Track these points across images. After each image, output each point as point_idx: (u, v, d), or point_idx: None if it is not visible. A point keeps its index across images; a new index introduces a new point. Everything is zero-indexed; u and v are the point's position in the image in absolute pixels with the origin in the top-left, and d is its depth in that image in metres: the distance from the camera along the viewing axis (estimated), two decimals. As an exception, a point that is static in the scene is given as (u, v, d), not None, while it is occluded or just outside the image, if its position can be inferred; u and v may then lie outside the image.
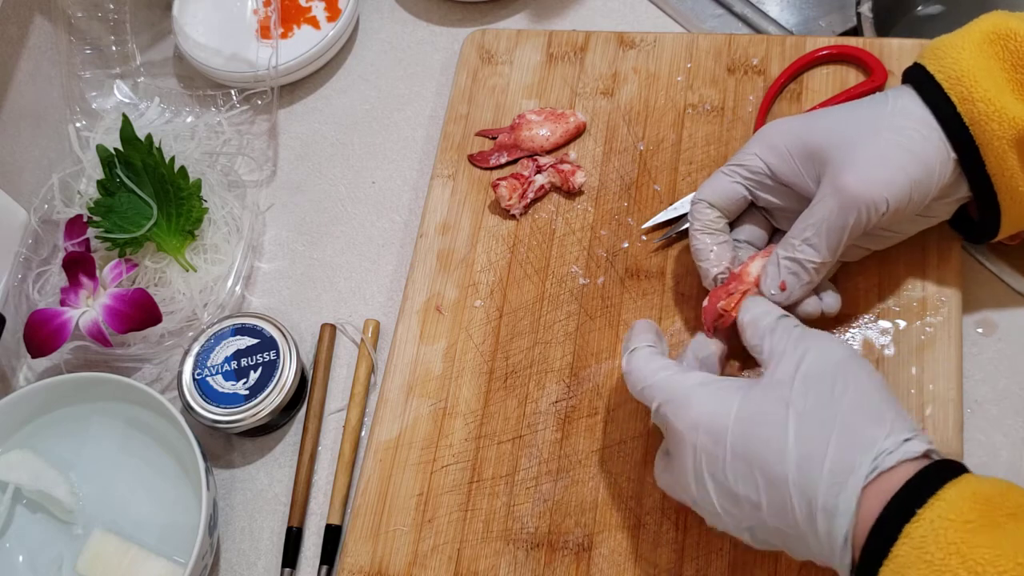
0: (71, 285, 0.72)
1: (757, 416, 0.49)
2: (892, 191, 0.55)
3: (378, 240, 0.79)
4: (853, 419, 0.47)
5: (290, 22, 0.88)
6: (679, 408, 0.52)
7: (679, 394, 0.52)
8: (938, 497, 0.43)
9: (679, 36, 0.78)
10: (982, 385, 0.63)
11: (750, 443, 0.49)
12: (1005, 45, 0.55)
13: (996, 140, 0.55)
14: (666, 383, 0.53)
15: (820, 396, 0.49)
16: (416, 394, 0.68)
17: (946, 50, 0.57)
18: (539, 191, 0.73)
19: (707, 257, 0.61)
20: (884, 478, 0.45)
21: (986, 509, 0.43)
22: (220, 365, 0.70)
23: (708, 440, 0.50)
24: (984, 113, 0.54)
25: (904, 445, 0.46)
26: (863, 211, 0.55)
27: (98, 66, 0.88)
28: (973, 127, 0.55)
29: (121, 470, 0.70)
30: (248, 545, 0.69)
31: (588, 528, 0.61)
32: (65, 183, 0.81)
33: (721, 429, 0.50)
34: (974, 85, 0.55)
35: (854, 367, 0.50)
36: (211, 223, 0.78)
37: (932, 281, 0.63)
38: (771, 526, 0.49)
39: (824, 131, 0.58)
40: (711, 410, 0.51)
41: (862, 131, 0.56)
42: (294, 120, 0.87)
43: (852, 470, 0.46)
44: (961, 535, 0.42)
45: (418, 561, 0.62)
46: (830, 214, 0.55)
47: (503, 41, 0.81)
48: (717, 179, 0.62)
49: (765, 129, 0.61)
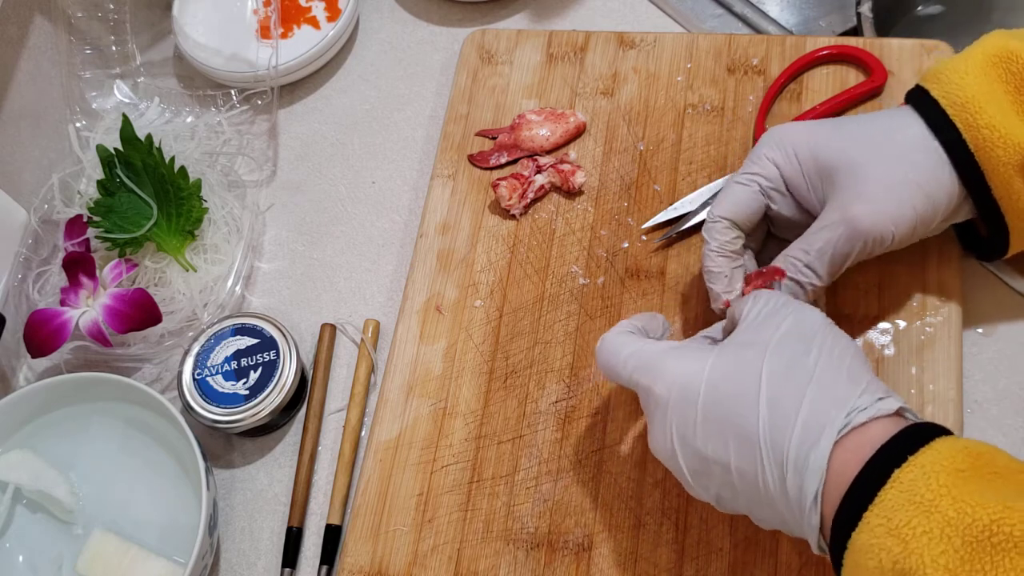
0: (71, 285, 0.72)
1: (730, 374, 0.49)
2: (899, 225, 0.55)
3: (378, 240, 0.79)
4: (827, 377, 0.47)
5: (290, 22, 0.88)
6: (651, 372, 0.52)
7: (651, 359, 0.52)
8: (930, 447, 0.44)
9: (679, 36, 0.78)
10: (982, 385, 0.63)
11: (722, 401, 0.48)
12: (1008, 68, 0.55)
13: (1002, 166, 0.54)
14: (636, 353, 0.53)
15: (795, 355, 0.49)
16: (416, 394, 0.68)
17: (949, 75, 0.57)
18: (539, 191, 0.73)
19: (720, 281, 0.60)
20: (856, 434, 0.45)
21: (976, 463, 0.43)
22: (220, 365, 0.70)
23: (680, 401, 0.50)
24: (989, 140, 0.54)
25: (878, 403, 0.46)
26: (869, 243, 0.55)
27: (98, 66, 0.88)
28: (978, 153, 0.55)
29: (121, 470, 0.70)
30: (248, 545, 0.69)
31: (588, 528, 0.61)
32: (65, 183, 0.81)
33: (693, 389, 0.49)
34: (978, 111, 0.55)
35: (832, 332, 0.50)
36: (211, 223, 0.78)
37: (932, 281, 0.64)
38: (739, 488, 0.48)
39: (837, 150, 0.57)
40: (683, 370, 0.50)
41: (875, 159, 0.56)
42: (294, 120, 0.87)
43: (824, 426, 0.46)
44: (952, 479, 0.42)
45: (418, 561, 0.62)
46: (836, 242, 0.55)
47: (503, 41, 0.81)
48: (735, 192, 0.59)
49: (774, 132, 0.60)
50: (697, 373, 0.50)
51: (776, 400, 0.47)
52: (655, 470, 0.62)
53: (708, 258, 0.60)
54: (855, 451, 0.45)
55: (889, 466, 0.43)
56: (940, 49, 0.71)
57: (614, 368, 0.54)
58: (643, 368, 0.52)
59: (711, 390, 0.49)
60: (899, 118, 0.58)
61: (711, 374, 0.49)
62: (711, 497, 0.51)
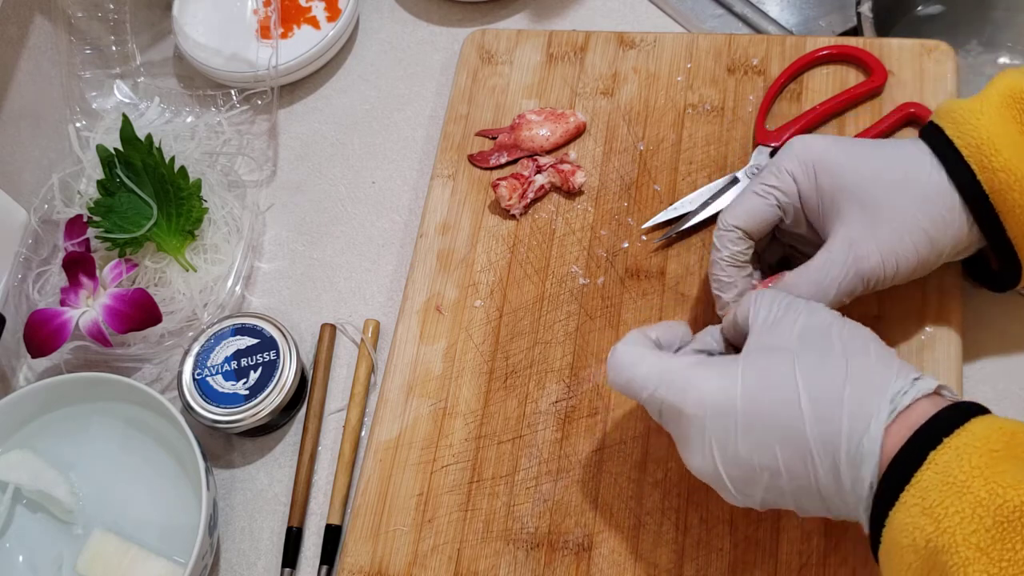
0: (71, 285, 0.72)
1: (764, 381, 0.49)
2: (900, 268, 0.56)
3: (378, 240, 0.79)
4: (860, 365, 0.48)
5: (290, 22, 0.88)
6: (680, 391, 0.50)
7: (675, 377, 0.51)
8: (964, 428, 0.44)
9: (679, 36, 0.78)
10: (982, 385, 0.63)
11: (762, 409, 0.48)
12: (1023, 108, 0.55)
13: (1018, 208, 0.54)
14: (656, 369, 0.52)
15: (822, 350, 0.49)
16: (416, 394, 0.68)
17: (965, 115, 0.56)
18: (539, 191, 0.73)
19: (729, 290, 0.59)
20: (902, 417, 0.46)
21: (1011, 442, 0.43)
22: (220, 365, 0.70)
23: (717, 417, 0.49)
24: (1005, 183, 0.54)
25: (916, 384, 0.47)
26: (870, 281, 0.56)
27: (98, 66, 0.88)
28: (993, 196, 0.54)
29: (121, 470, 0.70)
30: (248, 545, 0.69)
31: (588, 528, 0.61)
32: (65, 183, 0.81)
33: (729, 403, 0.49)
34: (994, 154, 0.54)
35: (847, 322, 0.51)
36: (211, 223, 0.78)
37: (932, 281, 0.63)
38: (788, 489, 0.48)
39: (856, 179, 0.56)
40: (716, 386, 0.50)
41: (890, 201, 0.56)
42: (294, 120, 0.87)
43: (872, 414, 0.46)
44: (985, 460, 0.42)
45: (418, 561, 0.62)
46: (840, 277, 0.55)
47: (503, 41, 0.81)
48: (750, 201, 0.59)
49: (796, 145, 0.59)
50: (730, 386, 0.49)
51: (817, 398, 0.47)
52: (655, 470, 0.62)
53: (718, 266, 0.59)
54: (901, 434, 0.45)
55: (926, 448, 0.44)
56: (940, 49, 0.71)
57: (631, 384, 0.53)
58: (668, 386, 0.51)
59: (749, 401, 0.49)
60: (916, 157, 0.57)
61: (745, 385, 0.49)
62: (755, 502, 0.51)
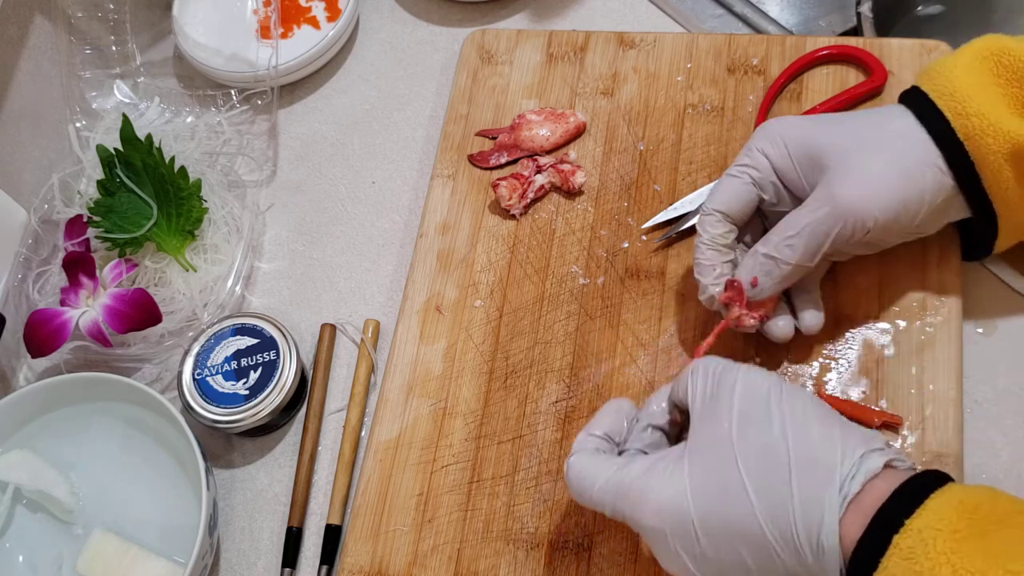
0: (71, 285, 0.72)
1: (712, 483, 0.48)
2: (881, 209, 0.55)
3: (378, 240, 0.79)
4: (803, 451, 0.47)
5: (290, 22, 0.88)
6: (635, 505, 0.50)
7: (629, 490, 0.50)
8: (924, 507, 0.43)
9: (679, 36, 0.78)
10: (982, 385, 0.63)
11: (715, 513, 0.48)
12: (999, 61, 0.56)
13: (991, 155, 0.55)
14: (611, 484, 0.51)
15: (761, 436, 0.48)
16: (416, 394, 0.68)
17: (939, 70, 0.58)
18: (539, 191, 0.73)
19: (708, 273, 0.60)
20: (855, 505, 0.45)
21: (974, 518, 0.42)
22: (220, 365, 0.70)
23: (676, 525, 0.48)
24: (979, 128, 0.55)
25: (863, 462, 0.46)
26: (849, 224, 0.55)
27: (98, 66, 0.88)
28: (968, 142, 0.55)
29: (121, 470, 0.70)
30: (248, 545, 0.69)
31: (588, 528, 0.61)
32: (65, 183, 0.81)
33: (683, 512, 0.48)
34: (968, 100, 0.55)
35: (785, 389, 0.50)
36: (211, 223, 0.78)
37: (932, 281, 0.63)
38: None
39: (826, 137, 0.58)
40: (668, 496, 0.49)
41: (863, 146, 0.57)
42: (294, 120, 0.87)
43: (824, 508, 0.45)
44: (950, 544, 0.42)
45: (418, 561, 0.62)
46: (817, 219, 0.56)
47: (503, 41, 0.81)
48: (727, 184, 0.60)
49: (767, 126, 0.61)
50: (679, 495, 0.49)
51: (765, 492, 0.47)
52: (655, 470, 0.62)
53: (698, 250, 0.60)
54: (859, 523, 0.45)
55: (888, 532, 0.43)
56: (940, 49, 0.71)
57: (591, 501, 0.52)
58: (624, 499, 0.50)
59: (701, 507, 0.48)
60: (890, 112, 0.59)
61: (694, 490, 0.48)
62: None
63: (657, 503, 0.49)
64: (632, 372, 0.65)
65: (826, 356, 0.63)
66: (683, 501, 0.48)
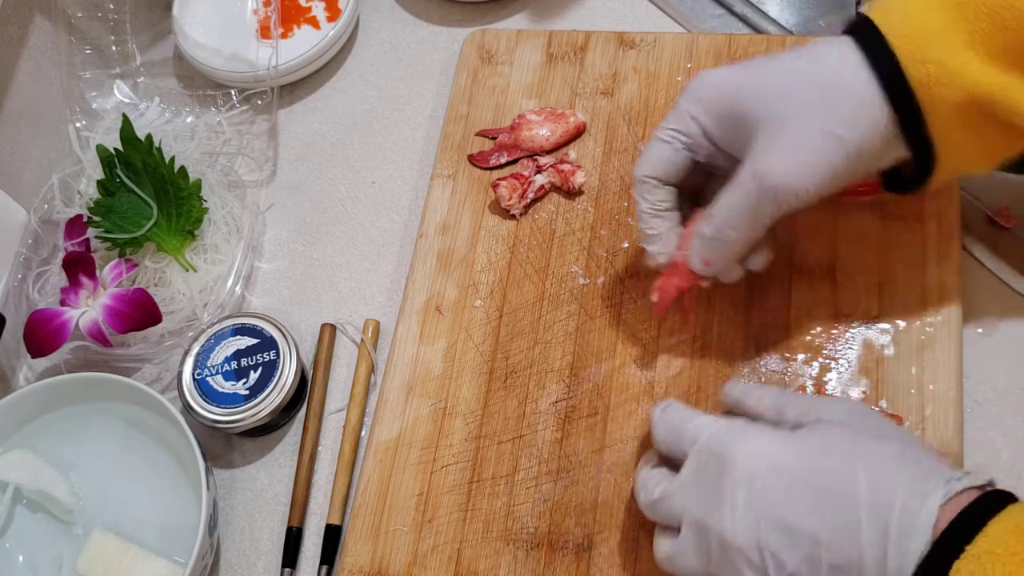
0: (71, 285, 0.72)
1: (823, 447, 0.48)
2: (814, 180, 0.52)
3: (378, 240, 0.79)
4: (913, 449, 0.47)
5: (290, 22, 0.88)
6: (733, 443, 0.50)
7: (732, 428, 0.51)
8: (984, 533, 0.43)
9: (679, 36, 0.78)
10: (982, 385, 0.63)
11: (818, 473, 0.47)
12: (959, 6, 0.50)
13: (943, 104, 0.51)
14: (709, 422, 0.52)
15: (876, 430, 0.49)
16: (416, 394, 0.68)
17: (897, 3, 0.52)
18: (539, 191, 0.73)
19: (656, 242, 0.60)
20: (954, 502, 0.45)
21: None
22: (220, 365, 0.70)
23: (770, 473, 0.48)
24: (935, 76, 0.50)
25: (966, 476, 0.46)
26: (782, 199, 0.53)
27: (98, 66, 0.88)
28: (920, 90, 0.51)
29: (121, 470, 0.70)
30: (248, 545, 0.69)
31: (588, 528, 0.61)
32: (65, 183, 0.81)
33: (785, 461, 0.48)
34: (927, 44, 0.50)
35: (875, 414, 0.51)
36: (211, 223, 0.78)
37: (932, 281, 0.63)
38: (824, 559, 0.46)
39: (757, 100, 0.54)
40: (767, 442, 0.49)
41: (791, 107, 0.53)
42: (294, 120, 0.87)
43: (928, 492, 0.45)
44: (1009, 568, 0.41)
45: (418, 561, 0.62)
46: (749, 199, 0.54)
47: (503, 41, 0.81)
48: (656, 148, 0.59)
49: (694, 84, 0.58)
50: (786, 446, 0.49)
51: (874, 470, 0.46)
52: (655, 470, 0.62)
53: (642, 220, 0.60)
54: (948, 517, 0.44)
55: (949, 558, 0.43)
56: None
57: (681, 435, 0.52)
58: (723, 436, 0.51)
59: (805, 461, 0.48)
60: (831, 55, 0.53)
61: (804, 446, 0.49)
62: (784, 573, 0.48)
63: (759, 445, 0.49)
64: (632, 372, 0.65)
65: (826, 356, 0.63)
66: (787, 454, 0.48)
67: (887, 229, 0.66)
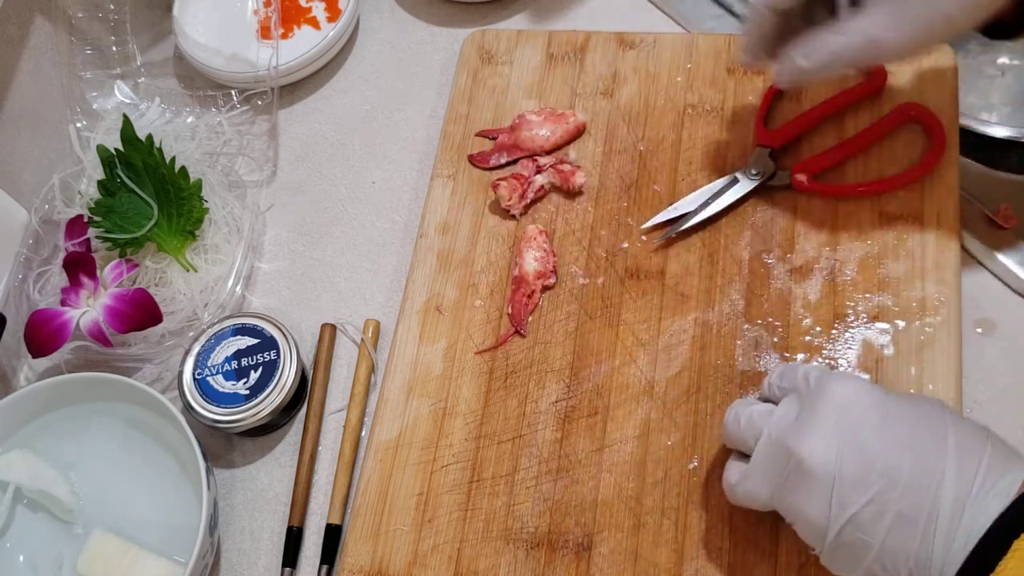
0: (71, 285, 0.72)
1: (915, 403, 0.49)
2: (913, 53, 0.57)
3: (378, 240, 0.79)
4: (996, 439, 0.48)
5: (290, 22, 0.88)
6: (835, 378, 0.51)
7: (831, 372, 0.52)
8: None
9: (679, 36, 0.78)
10: (982, 385, 0.63)
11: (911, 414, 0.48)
12: None
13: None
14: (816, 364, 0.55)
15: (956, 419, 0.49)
16: (416, 394, 0.68)
17: None
18: (539, 191, 0.73)
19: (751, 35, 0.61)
20: None
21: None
22: (220, 365, 0.70)
23: (864, 404, 0.49)
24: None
25: None
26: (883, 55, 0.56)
27: (98, 66, 0.88)
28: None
29: (121, 470, 0.70)
30: (248, 545, 0.69)
31: (588, 528, 0.61)
32: (66, 183, 0.81)
33: (879, 398, 0.49)
34: None
35: None
36: (211, 223, 0.78)
37: (932, 281, 0.64)
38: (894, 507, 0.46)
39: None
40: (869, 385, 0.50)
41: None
42: (294, 120, 0.87)
43: (1009, 465, 0.45)
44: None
45: (418, 561, 0.62)
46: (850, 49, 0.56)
47: (503, 41, 0.81)
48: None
49: None
50: (882, 393, 0.50)
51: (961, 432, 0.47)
52: (655, 470, 0.62)
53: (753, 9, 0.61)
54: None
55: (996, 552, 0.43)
56: (940, 49, 0.71)
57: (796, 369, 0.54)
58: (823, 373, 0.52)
59: (899, 404, 0.49)
60: None
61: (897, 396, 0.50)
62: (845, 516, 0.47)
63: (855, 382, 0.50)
64: (632, 372, 0.65)
65: (826, 356, 0.63)
66: (881, 393, 0.50)
67: (887, 229, 0.66)
